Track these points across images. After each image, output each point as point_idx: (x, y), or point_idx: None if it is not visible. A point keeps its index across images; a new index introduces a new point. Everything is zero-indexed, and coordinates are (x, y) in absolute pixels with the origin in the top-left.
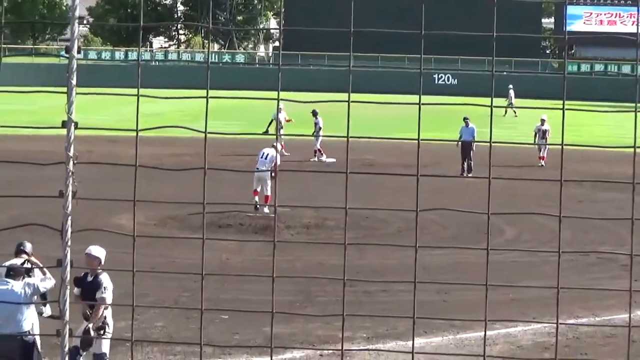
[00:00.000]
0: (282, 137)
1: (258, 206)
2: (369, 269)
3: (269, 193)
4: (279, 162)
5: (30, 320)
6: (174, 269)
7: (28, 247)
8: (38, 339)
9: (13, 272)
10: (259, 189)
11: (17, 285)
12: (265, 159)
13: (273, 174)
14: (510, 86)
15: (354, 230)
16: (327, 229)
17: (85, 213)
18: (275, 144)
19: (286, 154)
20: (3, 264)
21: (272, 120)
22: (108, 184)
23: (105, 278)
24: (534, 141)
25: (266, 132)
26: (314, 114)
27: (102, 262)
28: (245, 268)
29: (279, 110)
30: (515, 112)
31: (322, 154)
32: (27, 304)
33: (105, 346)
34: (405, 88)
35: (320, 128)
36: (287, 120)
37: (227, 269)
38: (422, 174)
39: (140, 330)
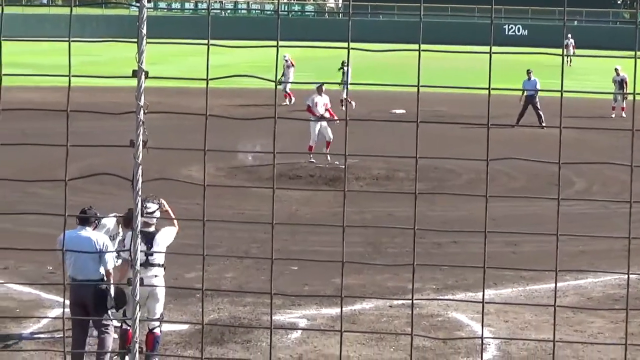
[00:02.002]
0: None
1: (312, 159)
2: (438, 220)
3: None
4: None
5: (103, 269)
6: (244, 220)
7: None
8: (112, 289)
9: (86, 220)
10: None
11: (91, 233)
12: (316, 107)
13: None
14: (570, 35)
15: (423, 182)
16: (396, 180)
17: (155, 164)
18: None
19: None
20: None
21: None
22: (176, 136)
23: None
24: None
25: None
26: (343, 64)
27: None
28: (314, 219)
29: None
30: (569, 62)
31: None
32: (102, 253)
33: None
34: (475, 39)
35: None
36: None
37: (297, 220)
38: (493, 124)
39: (210, 281)
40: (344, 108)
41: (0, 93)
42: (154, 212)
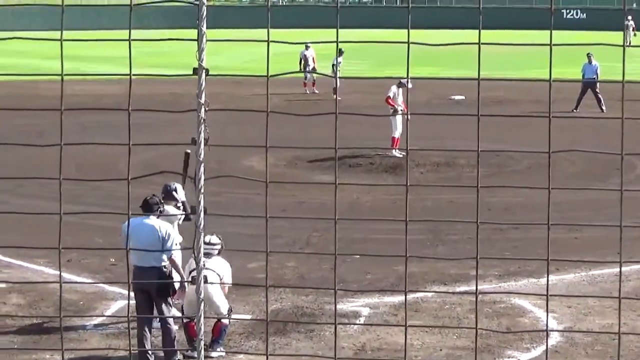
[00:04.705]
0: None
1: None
2: (499, 205)
3: (394, 135)
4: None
5: (166, 256)
6: (304, 209)
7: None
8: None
9: (149, 208)
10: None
11: (155, 221)
12: (396, 99)
13: (392, 111)
14: (630, 17)
15: (483, 167)
16: (457, 167)
17: (216, 155)
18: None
19: (316, 91)
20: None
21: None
22: (236, 127)
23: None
24: None
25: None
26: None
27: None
28: (375, 207)
29: (307, 47)
30: (630, 43)
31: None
32: (165, 240)
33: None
34: (533, 23)
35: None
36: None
37: (357, 207)
38: (554, 115)
39: (271, 271)
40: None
41: (62, 95)
42: (216, 245)
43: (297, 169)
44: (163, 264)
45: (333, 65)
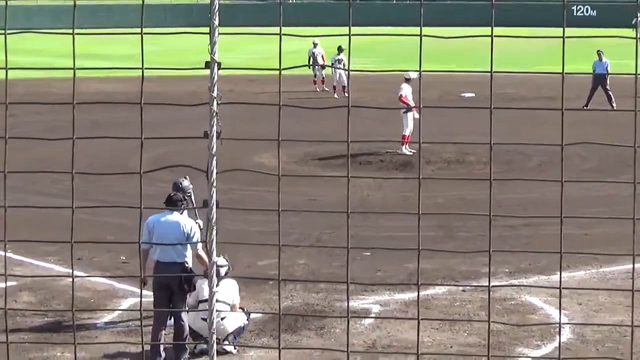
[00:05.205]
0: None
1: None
2: (510, 203)
3: (404, 132)
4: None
5: (189, 253)
6: (315, 207)
7: (185, 184)
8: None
9: (173, 204)
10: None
11: (179, 217)
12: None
13: (404, 111)
14: (639, 14)
15: (494, 164)
16: (467, 164)
17: (227, 152)
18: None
19: (326, 89)
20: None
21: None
22: (247, 123)
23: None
24: None
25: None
26: (340, 49)
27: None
28: (386, 204)
29: (315, 45)
30: None
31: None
32: (189, 236)
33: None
34: (544, 20)
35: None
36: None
37: (368, 205)
38: (567, 108)
39: (282, 268)
40: (336, 95)
41: (74, 88)
42: (223, 266)
43: (308, 166)
44: (186, 259)
45: (332, 63)
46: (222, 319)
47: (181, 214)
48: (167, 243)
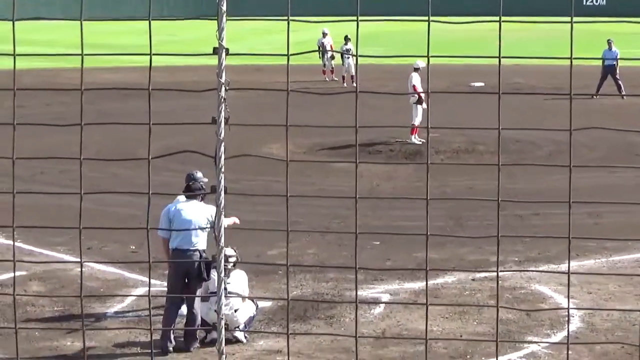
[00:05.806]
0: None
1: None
2: (519, 192)
3: (414, 122)
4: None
5: (206, 241)
6: (325, 196)
7: (198, 175)
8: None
9: (192, 191)
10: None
11: (200, 205)
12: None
13: (415, 101)
14: None
15: (504, 154)
16: (476, 153)
17: (234, 142)
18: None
19: (335, 79)
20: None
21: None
22: (255, 113)
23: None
24: None
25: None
26: (347, 39)
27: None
28: (395, 194)
29: (324, 35)
30: None
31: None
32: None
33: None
34: (553, 10)
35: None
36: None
37: (377, 194)
38: (575, 94)
39: (292, 257)
40: (345, 84)
41: (82, 74)
42: (231, 257)
43: (316, 156)
44: (204, 247)
45: (342, 54)
46: (235, 310)
47: (200, 201)
48: (190, 228)
